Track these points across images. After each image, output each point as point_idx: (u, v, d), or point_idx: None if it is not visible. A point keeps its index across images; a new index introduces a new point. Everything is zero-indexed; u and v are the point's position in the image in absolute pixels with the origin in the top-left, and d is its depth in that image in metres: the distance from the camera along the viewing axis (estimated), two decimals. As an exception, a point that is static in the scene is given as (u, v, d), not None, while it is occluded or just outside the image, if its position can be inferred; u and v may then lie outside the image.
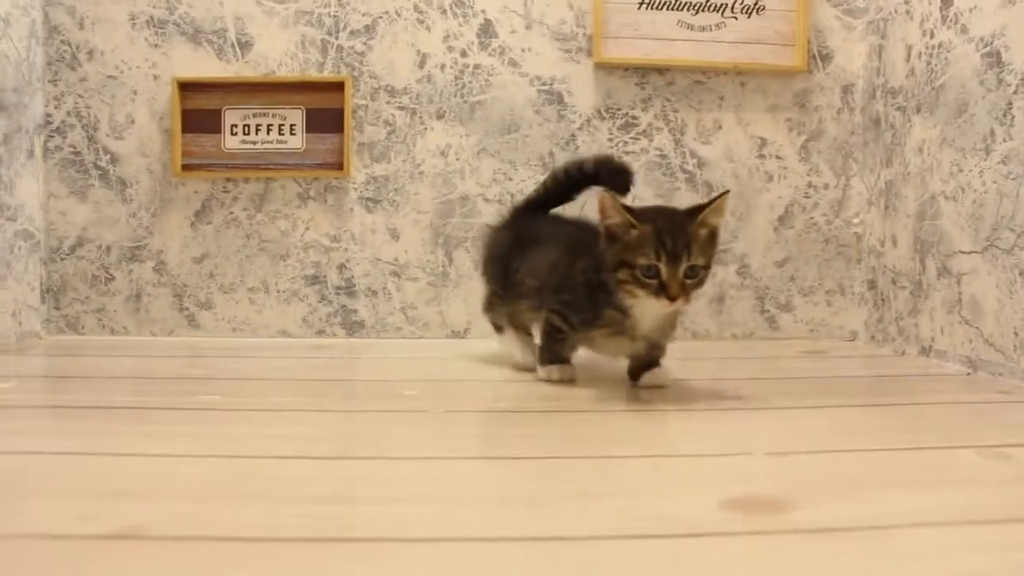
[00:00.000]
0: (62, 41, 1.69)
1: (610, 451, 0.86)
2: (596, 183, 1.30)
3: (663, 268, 1.02)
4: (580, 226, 1.27)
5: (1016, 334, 1.21)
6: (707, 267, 1.06)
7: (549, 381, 1.19)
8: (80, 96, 1.69)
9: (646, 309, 1.07)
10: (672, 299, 1.02)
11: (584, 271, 1.12)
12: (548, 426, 0.96)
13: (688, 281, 1.03)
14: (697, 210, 1.06)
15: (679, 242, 1.02)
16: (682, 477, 0.76)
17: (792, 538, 0.60)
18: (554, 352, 1.20)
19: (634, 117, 1.70)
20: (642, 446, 0.87)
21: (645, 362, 1.16)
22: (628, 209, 1.05)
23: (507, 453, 0.84)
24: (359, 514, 0.65)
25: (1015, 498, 0.70)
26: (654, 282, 1.03)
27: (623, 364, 1.20)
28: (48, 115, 1.69)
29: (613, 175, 1.27)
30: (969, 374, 1.31)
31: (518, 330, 1.36)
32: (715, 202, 1.05)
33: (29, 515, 0.65)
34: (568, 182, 1.35)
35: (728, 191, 1.09)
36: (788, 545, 0.59)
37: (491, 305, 1.41)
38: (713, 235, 1.07)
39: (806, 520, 0.63)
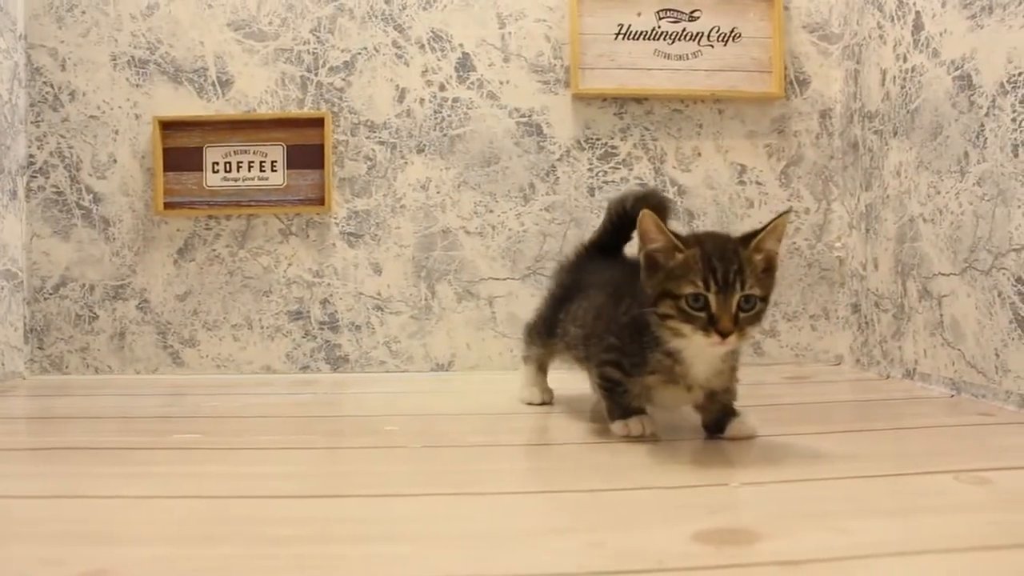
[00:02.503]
0: (44, 83, 1.70)
1: (583, 485, 0.85)
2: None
3: (712, 298, 0.90)
4: (627, 266, 1.15)
5: (997, 355, 1.21)
6: (764, 299, 0.92)
7: (628, 437, 1.02)
8: (62, 136, 1.70)
9: (697, 350, 0.94)
10: (723, 335, 0.89)
11: (628, 311, 1.00)
12: (522, 460, 0.96)
13: (743, 314, 0.90)
14: (752, 235, 0.94)
15: (730, 268, 0.90)
16: (655, 510, 0.75)
17: (763, 571, 0.59)
18: (622, 405, 1.03)
19: (613, 147, 1.71)
20: (616, 479, 0.86)
21: (720, 411, 1.02)
22: (672, 231, 0.94)
23: (479, 489, 0.84)
24: (328, 554, 0.64)
25: (991, 525, 0.70)
26: (702, 315, 0.90)
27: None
28: (31, 156, 1.70)
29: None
30: (953, 396, 1.31)
31: (539, 370, 1.31)
32: (772, 224, 0.93)
33: (-8, 563, 0.64)
34: (617, 221, 1.22)
35: (789, 211, 0.96)
36: (757, 579, 0.59)
37: (529, 336, 1.32)
38: (770, 264, 0.94)
39: (778, 552, 0.63)
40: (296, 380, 1.63)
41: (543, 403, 1.29)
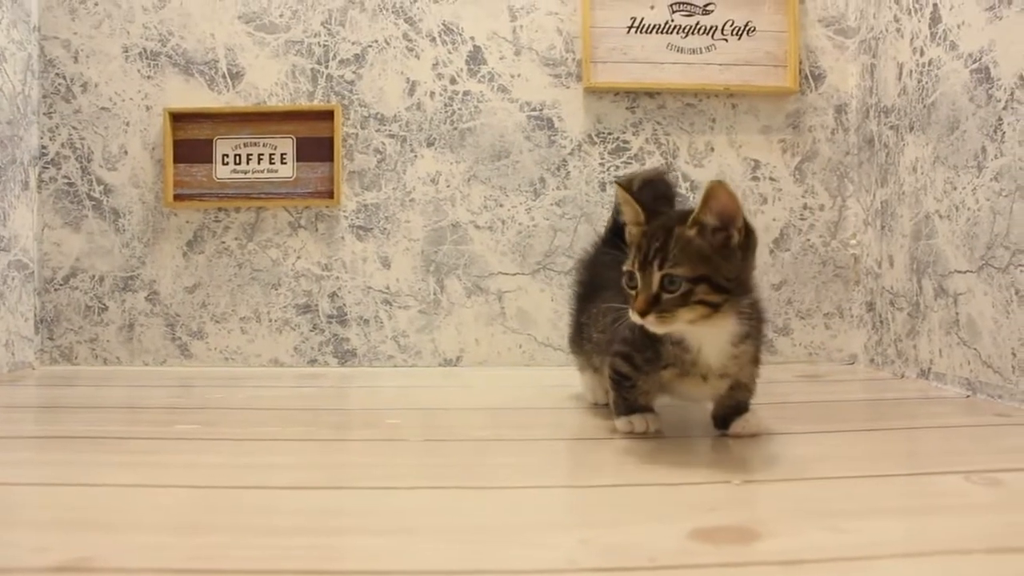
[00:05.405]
0: (57, 74, 1.70)
1: (582, 481, 0.84)
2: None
3: (638, 275, 0.88)
4: None
5: (1014, 355, 1.18)
6: (698, 280, 0.85)
7: (631, 434, 1.00)
8: (74, 128, 1.70)
9: (698, 335, 0.90)
10: (640, 314, 0.86)
11: None
12: (523, 455, 0.94)
13: (666, 295, 0.85)
14: (690, 211, 0.88)
15: (654, 245, 0.87)
16: (653, 507, 0.73)
17: (761, 570, 0.58)
18: (628, 401, 1.01)
19: (625, 141, 1.69)
20: (616, 475, 0.85)
21: (730, 406, 1.00)
22: (641, 204, 0.91)
23: (476, 483, 0.82)
24: (317, 545, 0.63)
25: (1001, 526, 0.67)
26: (634, 294, 0.88)
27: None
28: (43, 147, 1.70)
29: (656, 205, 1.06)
30: (968, 396, 1.28)
31: (594, 372, 1.20)
32: (703, 196, 0.86)
33: (-21, 551, 0.63)
34: None
35: (718, 181, 0.86)
36: (754, 578, 0.57)
37: (571, 347, 1.28)
38: (727, 241, 0.87)
39: (777, 551, 0.61)
40: (303, 373, 1.63)
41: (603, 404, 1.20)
